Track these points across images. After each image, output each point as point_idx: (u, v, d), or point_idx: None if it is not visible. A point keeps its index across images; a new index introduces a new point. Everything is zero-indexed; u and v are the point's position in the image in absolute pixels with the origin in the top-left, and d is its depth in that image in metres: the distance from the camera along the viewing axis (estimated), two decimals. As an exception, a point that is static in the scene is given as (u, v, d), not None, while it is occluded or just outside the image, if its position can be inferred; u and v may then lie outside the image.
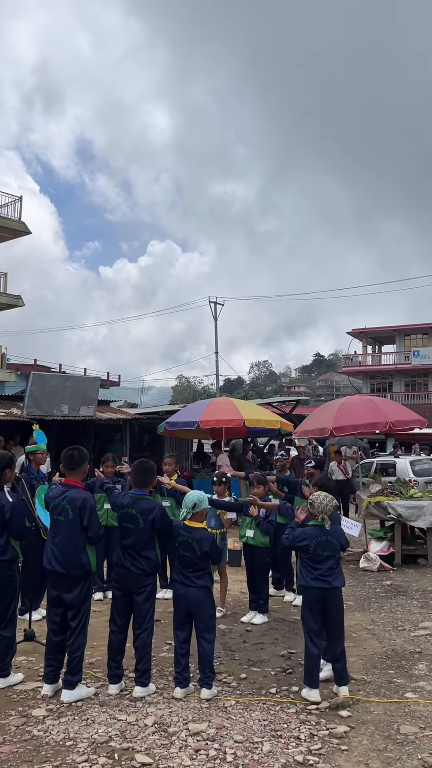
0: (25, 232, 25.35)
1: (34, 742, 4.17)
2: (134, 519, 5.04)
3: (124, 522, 5.11)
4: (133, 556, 5.02)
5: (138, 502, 5.10)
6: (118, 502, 5.23)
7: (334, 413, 10.62)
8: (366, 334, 48.42)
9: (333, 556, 5.02)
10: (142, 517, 5.03)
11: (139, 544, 5.02)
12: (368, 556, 9.70)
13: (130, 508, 5.09)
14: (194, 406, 13.15)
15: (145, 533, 5.03)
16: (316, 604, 4.99)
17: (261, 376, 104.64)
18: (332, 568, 5.00)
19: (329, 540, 5.03)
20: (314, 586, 4.97)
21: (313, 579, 4.98)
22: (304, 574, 5.05)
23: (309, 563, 5.03)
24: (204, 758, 3.96)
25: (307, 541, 5.04)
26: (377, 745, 4.20)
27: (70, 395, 12.54)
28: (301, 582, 5.12)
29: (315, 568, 4.99)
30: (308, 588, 5.03)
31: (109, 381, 35.02)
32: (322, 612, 5.00)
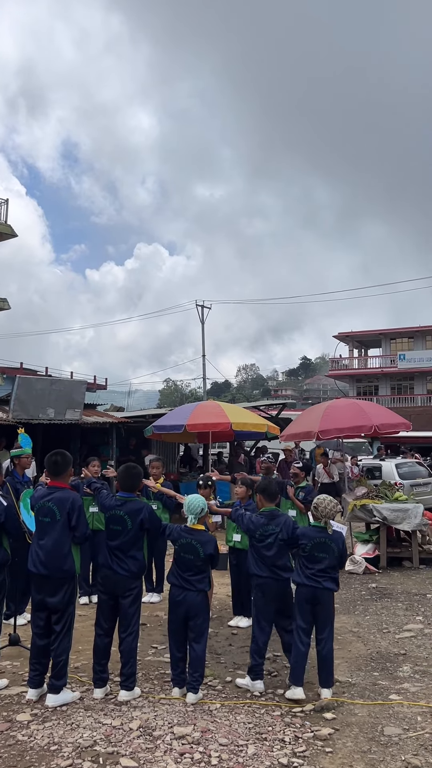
0: (12, 235, 25.21)
1: (18, 747, 4.15)
2: (122, 521, 5.04)
3: (111, 524, 5.10)
4: (120, 558, 5.01)
5: (126, 504, 5.10)
6: (106, 504, 5.22)
7: (320, 416, 10.68)
8: (352, 338, 48.63)
9: (328, 558, 5.10)
10: (130, 519, 5.03)
11: (126, 546, 5.01)
12: (354, 558, 9.74)
13: (117, 509, 5.09)
14: (181, 409, 13.15)
15: (132, 535, 5.02)
16: (306, 602, 5.09)
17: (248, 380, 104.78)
18: (325, 571, 5.08)
19: (327, 543, 5.12)
20: (306, 584, 5.08)
21: (306, 577, 5.08)
22: (299, 572, 5.16)
23: (304, 562, 5.14)
24: (189, 761, 3.96)
25: (304, 540, 5.15)
26: (361, 746, 4.22)
27: (56, 399, 12.50)
28: (295, 579, 5.20)
29: (309, 567, 5.09)
30: (300, 585, 5.13)
31: (95, 384, 34.88)
32: (312, 611, 5.08)
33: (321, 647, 5.09)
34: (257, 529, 5.30)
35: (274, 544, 5.24)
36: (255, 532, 5.31)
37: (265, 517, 5.35)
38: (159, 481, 7.61)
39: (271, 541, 5.25)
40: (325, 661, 5.07)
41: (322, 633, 5.09)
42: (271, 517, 5.34)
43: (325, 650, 5.07)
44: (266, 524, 5.30)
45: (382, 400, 41.33)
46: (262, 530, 5.29)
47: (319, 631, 5.10)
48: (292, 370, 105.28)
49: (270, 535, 5.26)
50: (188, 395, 78.95)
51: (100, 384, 36.79)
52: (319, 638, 5.10)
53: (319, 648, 5.11)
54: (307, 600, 5.09)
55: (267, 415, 18.21)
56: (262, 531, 5.28)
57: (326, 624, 5.12)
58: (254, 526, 5.33)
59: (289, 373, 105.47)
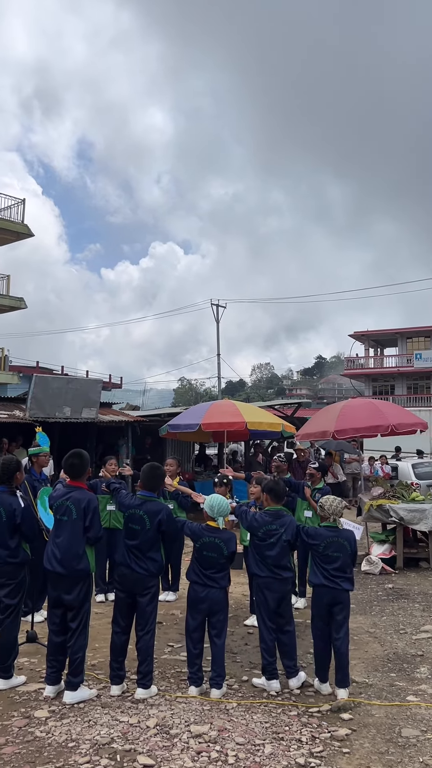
0: (28, 234, 25.40)
1: (36, 743, 4.18)
2: (141, 520, 5.06)
3: (130, 523, 5.12)
4: (138, 557, 5.02)
5: (146, 504, 5.12)
6: (126, 503, 5.23)
7: (336, 416, 10.63)
8: (368, 337, 48.42)
9: (342, 557, 5.13)
10: (149, 519, 5.05)
11: (145, 545, 5.03)
12: (370, 559, 9.70)
13: (137, 509, 5.10)
14: (196, 408, 13.16)
15: (151, 535, 5.04)
16: (325, 604, 5.12)
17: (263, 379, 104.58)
18: (342, 570, 5.12)
19: (340, 541, 5.15)
20: (325, 585, 5.11)
21: (324, 578, 5.11)
22: (316, 573, 5.17)
23: (319, 562, 5.16)
24: (206, 760, 3.97)
25: (318, 540, 5.17)
26: (379, 748, 4.20)
27: (73, 397, 12.56)
28: (312, 580, 5.22)
29: (325, 567, 5.12)
30: (319, 587, 5.15)
31: (111, 383, 35.09)
32: (329, 612, 5.12)
33: (337, 647, 5.10)
34: (260, 528, 5.29)
35: (277, 544, 5.24)
36: (258, 530, 5.31)
37: (270, 516, 5.33)
38: (175, 480, 7.62)
39: (274, 541, 5.25)
40: (341, 661, 5.07)
41: (339, 633, 5.10)
42: (276, 517, 5.33)
43: (341, 650, 5.08)
44: (270, 523, 5.29)
45: (398, 400, 41.13)
46: (265, 529, 5.28)
47: (336, 631, 5.11)
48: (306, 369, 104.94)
49: (273, 535, 5.26)
50: (203, 394, 79.02)
51: (116, 383, 37.01)
52: (336, 638, 5.10)
53: (334, 648, 5.12)
54: (325, 602, 5.12)
55: (282, 414, 18.18)
56: (265, 530, 5.28)
57: (343, 624, 5.13)
58: (257, 524, 5.32)
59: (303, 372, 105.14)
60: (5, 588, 5.14)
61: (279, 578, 5.25)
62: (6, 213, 24.89)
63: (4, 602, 5.13)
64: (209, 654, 5.15)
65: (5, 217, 24.73)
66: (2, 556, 5.16)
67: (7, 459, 5.48)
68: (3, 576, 5.15)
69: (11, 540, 5.17)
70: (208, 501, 5.24)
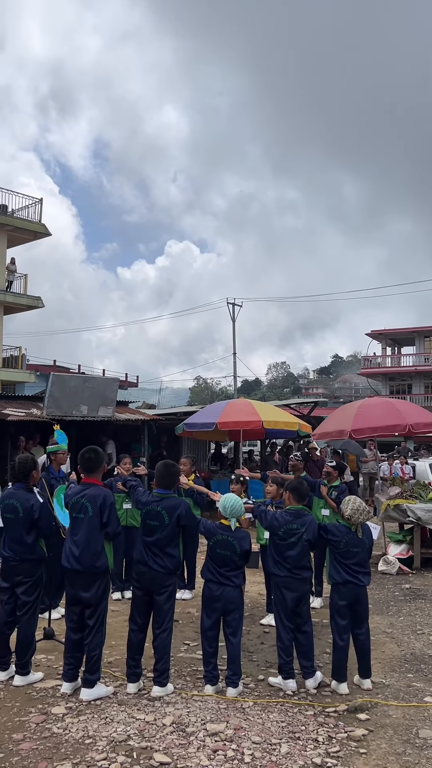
0: (45, 233, 25.54)
1: (53, 739, 4.20)
2: (159, 516, 5.07)
3: (148, 519, 5.13)
4: (156, 554, 5.04)
5: (163, 500, 5.13)
6: (143, 500, 5.24)
7: (353, 415, 10.57)
8: (385, 336, 48.12)
9: (361, 552, 5.21)
10: (167, 514, 5.05)
11: (163, 542, 5.04)
12: (387, 559, 9.65)
13: (155, 504, 5.11)
14: (212, 407, 13.16)
15: (169, 531, 5.05)
16: (347, 600, 5.15)
17: (279, 378, 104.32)
18: (360, 565, 5.20)
19: (359, 537, 5.21)
20: (347, 581, 5.15)
21: (346, 573, 5.15)
22: (338, 569, 5.19)
23: (339, 558, 5.19)
24: (222, 758, 3.97)
25: (338, 536, 5.20)
26: (396, 748, 4.18)
27: (89, 396, 12.61)
28: (334, 576, 5.23)
29: (345, 563, 5.16)
30: (340, 583, 5.17)
31: (127, 382, 35.23)
32: (351, 608, 5.16)
33: (360, 641, 5.20)
34: (281, 527, 5.28)
35: (298, 543, 5.23)
36: (278, 529, 5.29)
37: (291, 515, 5.32)
38: (190, 478, 7.63)
39: (294, 540, 5.24)
40: (364, 654, 5.20)
41: (361, 628, 5.21)
42: (297, 516, 5.32)
43: (364, 644, 5.21)
44: (291, 523, 5.27)
45: (416, 399, 40.83)
46: (285, 528, 5.27)
47: (357, 626, 5.21)
48: (323, 368, 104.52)
49: (294, 534, 5.25)
50: (218, 393, 79.00)
51: (132, 381, 37.14)
52: (357, 632, 5.20)
53: (357, 643, 5.22)
54: (347, 598, 5.16)
55: (298, 413, 18.12)
56: (286, 529, 5.26)
57: (364, 619, 5.24)
58: (278, 523, 5.30)
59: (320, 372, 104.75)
60: (23, 585, 5.18)
61: (298, 578, 5.24)
62: (24, 212, 25.05)
63: (22, 599, 5.17)
64: (225, 653, 5.15)
65: (23, 216, 24.89)
66: (19, 552, 5.20)
67: (24, 458, 5.52)
68: (21, 573, 5.19)
69: (28, 536, 5.21)
70: (221, 501, 5.24)
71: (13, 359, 25.98)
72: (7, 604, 5.25)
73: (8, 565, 5.25)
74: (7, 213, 24.30)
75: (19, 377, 25.21)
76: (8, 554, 5.24)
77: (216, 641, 5.13)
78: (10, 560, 5.23)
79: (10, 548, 5.23)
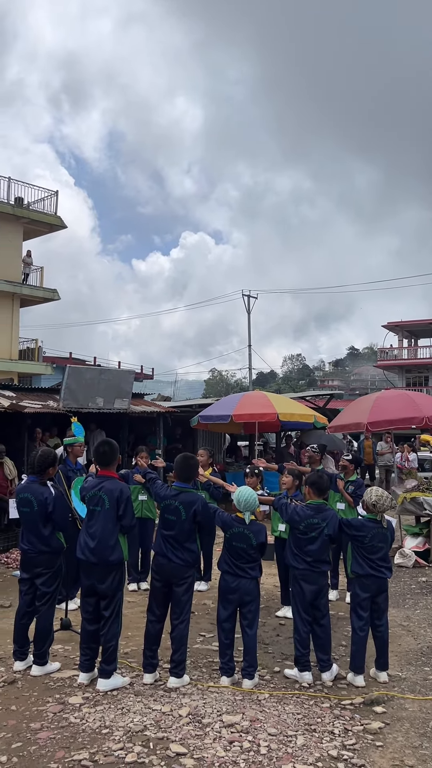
0: (61, 226, 25.57)
1: (71, 729, 4.24)
2: (176, 511, 5.08)
3: (166, 513, 5.15)
4: (174, 547, 5.06)
5: (181, 495, 5.14)
6: (161, 494, 5.26)
7: (370, 408, 10.50)
8: (401, 328, 47.72)
9: (385, 547, 5.26)
10: (184, 510, 5.07)
11: (182, 536, 5.06)
12: (403, 552, 9.61)
13: (172, 499, 5.13)
14: (227, 399, 13.14)
15: (186, 526, 5.06)
16: (368, 591, 5.19)
17: (294, 370, 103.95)
18: (384, 559, 5.24)
19: (383, 532, 5.25)
20: (371, 574, 5.17)
21: (369, 568, 5.18)
22: (361, 564, 5.21)
23: (364, 553, 5.21)
24: (238, 750, 3.98)
25: (363, 532, 5.21)
26: (412, 742, 4.17)
27: (105, 388, 12.63)
28: (356, 570, 5.24)
29: (370, 558, 5.19)
30: (363, 576, 5.19)
31: (142, 374, 35.32)
32: (372, 601, 5.20)
33: (380, 634, 5.23)
34: (302, 521, 5.28)
35: (318, 538, 5.23)
36: (299, 523, 5.29)
37: (312, 509, 5.32)
38: (207, 471, 7.63)
39: (315, 534, 5.24)
40: (383, 646, 5.22)
41: (381, 620, 5.25)
42: (318, 511, 5.31)
43: (384, 637, 5.23)
44: (312, 517, 5.26)
45: (432, 391, 40.53)
46: (306, 523, 5.26)
47: (377, 618, 5.24)
48: (339, 360, 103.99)
49: (315, 529, 5.24)
50: (233, 385, 78.95)
51: (147, 374, 37.22)
52: (377, 624, 5.23)
53: (377, 634, 5.24)
54: (369, 590, 5.19)
55: (314, 405, 18.06)
56: (307, 524, 5.26)
57: (384, 611, 5.27)
58: (299, 517, 5.30)
59: (335, 364, 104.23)
60: (42, 576, 5.22)
61: (317, 571, 5.25)
62: (39, 205, 25.10)
63: (41, 590, 5.22)
64: (241, 644, 5.16)
65: (38, 209, 24.94)
66: (37, 545, 5.24)
67: (46, 452, 5.54)
68: (39, 565, 5.23)
69: (44, 529, 5.25)
70: (236, 495, 5.24)
71: (30, 351, 26.10)
72: (26, 594, 5.30)
73: (27, 557, 5.30)
74: (23, 206, 24.35)
75: (36, 369, 25.33)
76: (27, 547, 5.28)
77: (232, 633, 5.14)
78: (29, 552, 5.27)
79: (29, 541, 5.27)
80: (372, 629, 5.24)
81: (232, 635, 5.14)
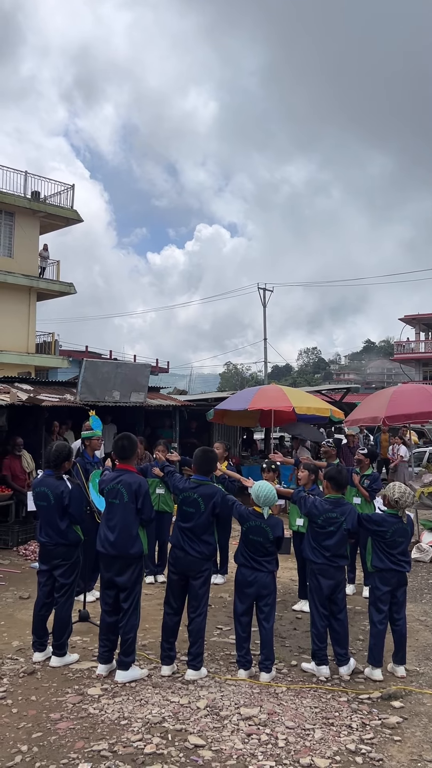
0: (77, 220, 25.64)
1: (90, 719, 4.28)
2: (195, 503, 5.09)
3: (184, 505, 5.16)
4: (192, 539, 5.07)
5: (200, 487, 5.15)
6: (180, 486, 5.27)
7: (387, 401, 10.45)
8: (419, 320, 47.38)
9: (405, 542, 5.27)
10: (203, 502, 5.08)
11: (199, 529, 5.07)
12: (420, 546, 9.57)
13: (192, 491, 5.14)
14: (243, 392, 13.12)
15: (205, 518, 5.08)
16: (388, 585, 5.20)
17: (310, 363, 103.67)
18: (404, 553, 5.25)
19: (404, 527, 5.25)
20: (392, 569, 5.18)
21: (390, 562, 5.18)
22: (381, 558, 5.21)
23: (384, 548, 5.21)
24: (256, 742, 4.00)
25: (385, 527, 5.21)
26: (431, 736, 4.16)
27: (122, 382, 12.66)
28: (377, 564, 5.23)
29: (390, 552, 5.19)
30: (384, 570, 5.19)
31: (158, 367, 35.38)
32: (392, 594, 5.21)
33: (398, 628, 5.23)
34: (320, 515, 5.27)
35: (337, 532, 5.22)
36: (318, 517, 5.28)
37: (331, 504, 5.31)
38: (223, 465, 7.64)
39: (334, 529, 5.23)
40: (401, 640, 5.23)
41: (399, 614, 5.25)
42: (336, 505, 5.30)
43: (403, 631, 5.23)
44: (330, 511, 5.26)
45: (449, 385, 40.15)
46: (325, 517, 5.26)
47: (396, 612, 5.25)
48: (355, 354, 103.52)
49: (333, 523, 5.23)
50: (248, 379, 78.87)
51: (163, 367, 37.28)
52: (396, 618, 5.24)
53: (396, 628, 5.25)
54: (389, 584, 5.19)
55: (330, 399, 17.99)
56: (325, 518, 5.25)
57: (403, 605, 5.28)
58: (318, 511, 5.29)
59: (351, 357, 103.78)
60: (60, 568, 5.27)
61: (335, 565, 5.25)
62: (56, 199, 25.17)
63: (60, 581, 5.27)
64: (258, 637, 5.18)
65: (55, 202, 25.01)
66: (55, 538, 5.29)
67: (61, 446, 5.57)
68: (58, 557, 5.28)
69: (61, 522, 5.29)
70: (254, 489, 5.23)
71: (47, 345, 26.24)
72: (45, 586, 5.35)
73: (45, 549, 5.35)
74: (40, 199, 24.44)
75: (53, 363, 25.47)
76: (45, 539, 5.33)
77: (249, 626, 5.16)
78: (47, 544, 5.32)
79: (46, 533, 5.32)
80: (390, 623, 5.24)
81: (248, 628, 5.16)
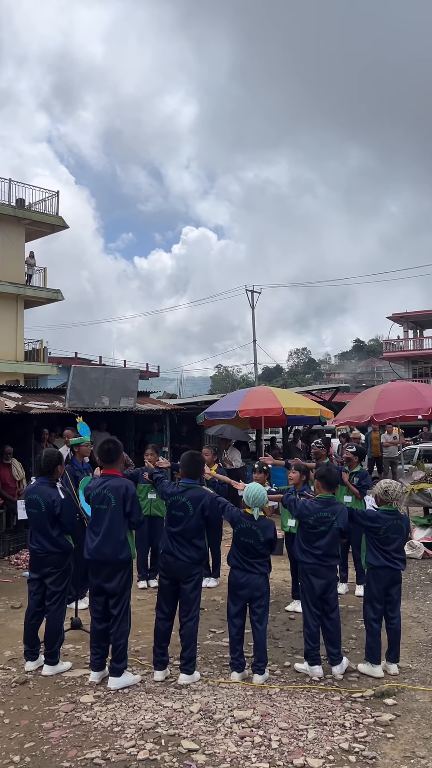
0: (63, 226, 25.58)
1: (83, 727, 4.26)
2: (184, 507, 5.09)
3: (173, 510, 5.15)
4: (181, 544, 5.07)
5: (188, 491, 5.15)
6: (168, 491, 5.26)
7: (375, 400, 10.51)
8: (407, 319, 47.55)
9: (399, 538, 5.26)
10: (192, 505, 5.07)
11: (189, 533, 5.06)
12: (412, 543, 9.59)
13: (180, 495, 5.13)
14: (233, 395, 13.15)
15: (194, 522, 5.07)
16: (384, 584, 5.20)
17: (300, 364, 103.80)
18: (398, 550, 5.26)
19: (399, 524, 5.25)
20: (386, 566, 5.19)
21: (384, 559, 5.18)
22: (376, 555, 5.21)
23: (378, 545, 5.21)
24: (249, 745, 4.00)
25: (379, 523, 5.21)
26: (424, 733, 4.17)
27: (111, 387, 12.66)
28: (371, 562, 5.24)
29: (384, 549, 5.20)
30: (378, 568, 5.20)
31: (148, 372, 35.33)
32: (387, 592, 5.22)
33: (393, 626, 5.25)
34: (311, 515, 5.28)
35: (329, 532, 5.23)
36: (308, 518, 5.29)
37: (321, 503, 5.32)
38: (213, 468, 7.64)
39: (325, 528, 5.24)
40: (396, 638, 5.24)
41: (395, 612, 5.26)
42: (327, 504, 5.31)
43: (397, 629, 5.25)
44: (321, 511, 5.27)
45: (439, 382, 40.36)
46: (316, 517, 5.26)
47: (391, 610, 5.26)
48: (344, 353, 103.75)
49: (324, 523, 5.24)
50: (239, 381, 78.85)
51: (153, 372, 37.22)
52: (391, 616, 5.25)
53: (390, 626, 5.26)
54: (384, 582, 5.20)
55: (320, 399, 18.03)
56: (316, 518, 5.26)
57: (397, 603, 5.29)
58: (308, 511, 5.30)
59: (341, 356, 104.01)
60: (51, 576, 5.25)
61: (326, 565, 5.26)
62: (40, 206, 25.11)
63: (51, 589, 5.24)
64: (251, 640, 5.18)
65: (39, 209, 24.95)
66: (46, 545, 5.27)
67: (50, 452, 5.56)
68: (48, 565, 5.26)
69: (53, 530, 5.27)
70: (245, 491, 5.24)
71: (35, 352, 26.15)
72: (36, 594, 5.33)
73: (36, 557, 5.33)
74: (24, 207, 24.37)
75: (42, 370, 25.39)
76: (35, 547, 5.31)
77: (242, 629, 5.16)
78: (38, 552, 5.30)
79: (37, 541, 5.30)
80: (385, 621, 5.26)
81: (242, 631, 5.15)
